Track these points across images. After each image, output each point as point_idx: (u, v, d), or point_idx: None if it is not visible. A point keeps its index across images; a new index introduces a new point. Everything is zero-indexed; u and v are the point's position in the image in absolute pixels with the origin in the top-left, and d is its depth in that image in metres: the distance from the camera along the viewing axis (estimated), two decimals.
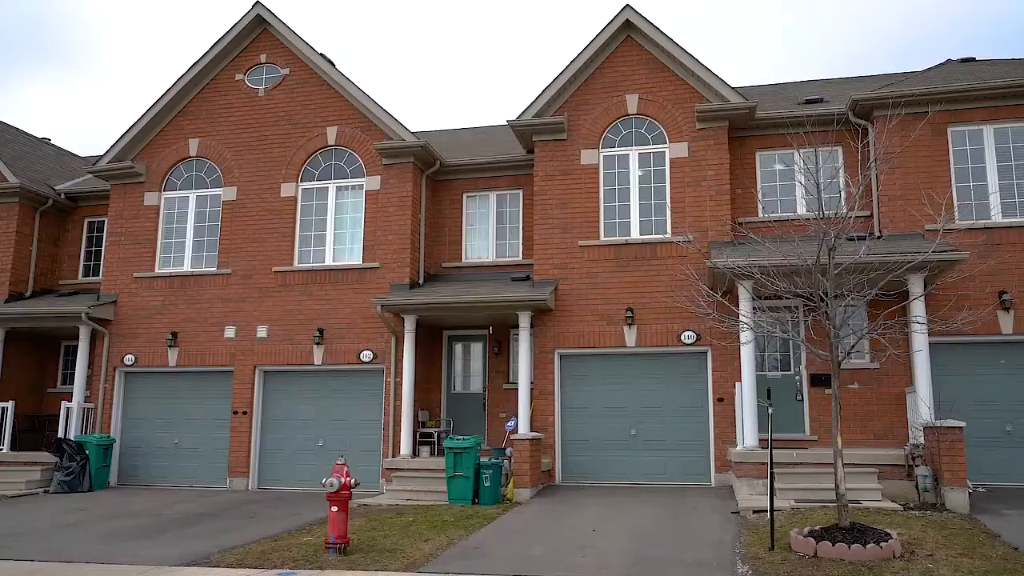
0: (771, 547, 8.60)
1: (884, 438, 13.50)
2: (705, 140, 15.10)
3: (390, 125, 16.50)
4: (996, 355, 13.71)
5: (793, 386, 14.38)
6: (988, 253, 13.31)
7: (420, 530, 10.41)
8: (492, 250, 17.05)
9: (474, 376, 16.87)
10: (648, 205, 15.30)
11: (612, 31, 15.68)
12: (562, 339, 15.10)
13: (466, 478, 12.89)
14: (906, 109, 13.16)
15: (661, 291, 14.47)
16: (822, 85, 18.44)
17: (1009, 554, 8.28)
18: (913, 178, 14.05)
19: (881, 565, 7.80)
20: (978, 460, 12.24)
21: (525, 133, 15.97)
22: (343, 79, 16.97)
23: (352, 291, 16.22)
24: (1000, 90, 14.10)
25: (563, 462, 14.84)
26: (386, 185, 16.50)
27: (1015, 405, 13.47)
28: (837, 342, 9.29)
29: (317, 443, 16.01)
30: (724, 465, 13.83)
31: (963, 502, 10.90)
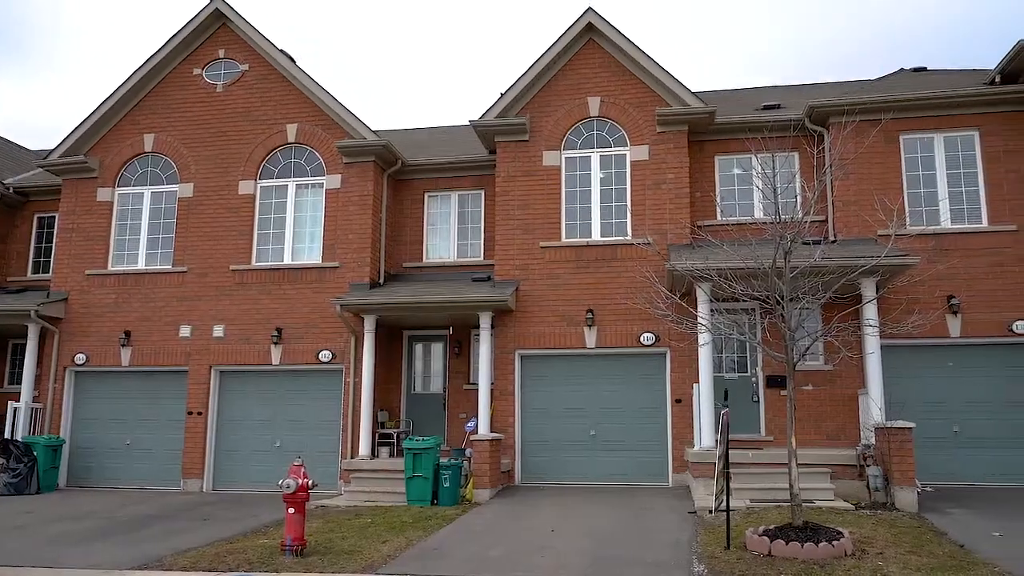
0: (727, 546, 8.71)
1: (837, 438, 13.77)
2: (665, 143, 15.25)
3: (351, 123, 16.36)
4: (944, 357, 14.08)
5: (750, 387, 14.59)
6: (937, 258, 13.66)
7: (378, 531, 10.34)
8: (453, 250, 17.01)
9: (434, 376, 16.81)
10: (609, 207, 15.40)
11: (575, 34, 15.76)
12: (523, 340, 15.13)
13: (425, 479, 12.83)
14: (860, 116, 13.45)
15: (621, 293, 14.57)
16: (780, 91, 18.76)
17: (955, 552, 8.51)
18: (867, 184, 14.37)
19: (833, 563, 7.95)
20: (927, 460, 12.53)
21: (487, 134, 15.96)
22: (304, 76, 16.78)
23: (311, 290, 16.05)
24: (949, 100, 14.49)
25: (523, 463, 14.86)
26: (347, 184, 16.36)
27: (962, 406, 13.85)
28: (792, 344, 9.46)
29: (274, 444, 15.80)
30: (682, 465, 13.97)
31: (912, 501, 11.17)
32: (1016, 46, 13.82)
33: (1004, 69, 14.34)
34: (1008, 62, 14.17)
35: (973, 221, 14.27)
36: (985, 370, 13.96)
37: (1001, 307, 13.85)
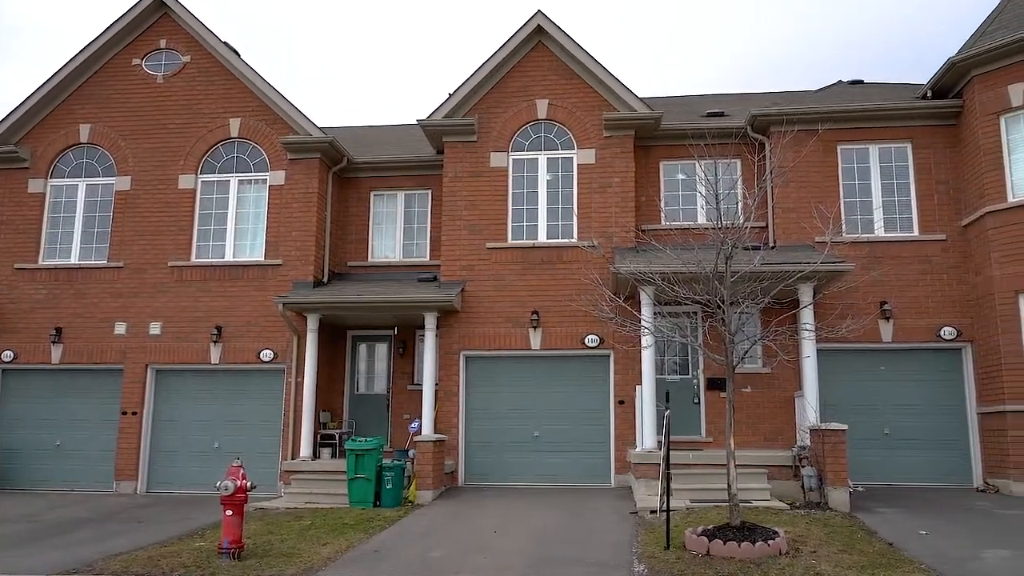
0: (666, 546, 8.84)
1: (774, 440, 14.11)
2: (612, 148, 15.42)
3: (296, 119, 16.12)
4: (877, 361, 14.55)
5: (691, 390, 14.84)
6: (871, 265, 14.10)
7: (319, 534, 10.20)
8: (399, 250, 16.89)
9: (378, 377, 16.67)
10: (556, 209, 15.50)
11: (524, 36, 15.82)
12: (468, 340, 15.11)
13: (367, 480, 12.72)
14: (800, 126, 13.82)
15: (566, 295, 14.67)
16: (724, 100, 19.12)
17: (884, 550, 8.79)
18: (805, 192, 14.76)
19: (768, 562, 8.14)
20: (859, 461, 12.92)
21: (435, 133, 15.91)
22: (248, 70, 16.47)
23: (253, 288, 15.76)
24: (884, 112, 14.99)
25: (467, 464, 14.85)
26: (291, 180, 16.11)
27: (893, 409, 14.33)
28: (732, 347, 9.65)
29: (212, 445, 15.46)
30: (624, 466, 14.14)
31: (844, 501, 11.51)
32: (946, 64, 14.36)
33: (935, 85, 14.90)
34: (939, 78, 14.72)
35: (905, 230, 14.78)
36: (915, 374, 14.47)
37: (930, 313, 14.38)
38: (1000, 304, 13.40)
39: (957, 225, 14.54)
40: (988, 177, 13.76)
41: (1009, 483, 12.95)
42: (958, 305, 14.35)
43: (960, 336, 14.26)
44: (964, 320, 14.27)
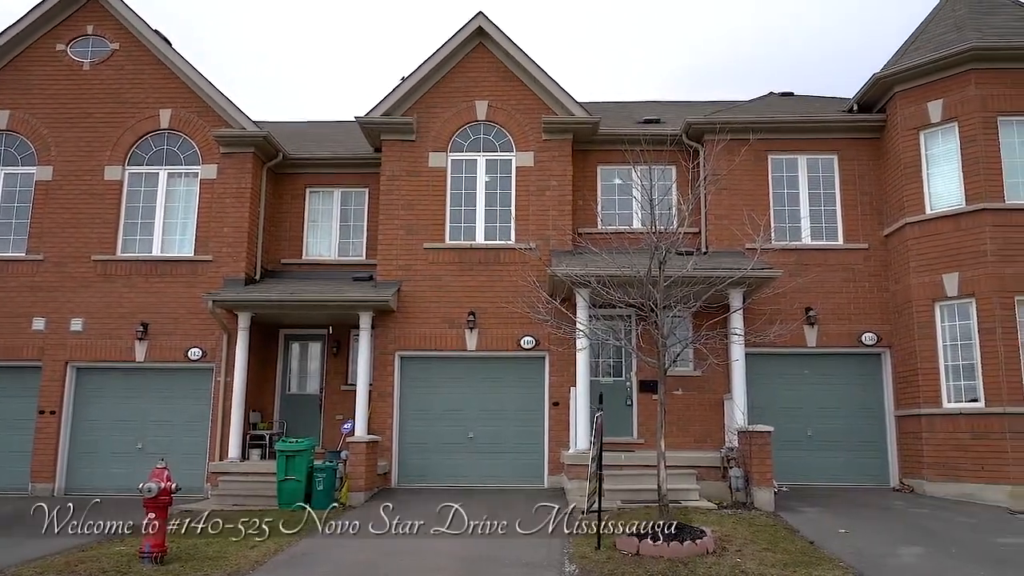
0: (597, 547, 8.94)
1: (704, 441, 14.42)
2: (550, 151, 15.53)
3: (230, 112, 15.75)
4: (802, 365, 15.02)
5: (624, 392, 15.05)
6: (798, 272, 14.53)
7: (246, 537, 9.96)
8: (335, 248, 16.67)
9: (311, 377, 16.41)
10: (494, 211, 15.53)
11: (465, 36, 15.80)
12: (404, 341, 15.01)
13: (298, 482, 12.51)
14: (732, 135, 14.16)
15: (503, 296, 14.70)
16: (661, 106, 19.46)
17: (806, 548, 9.09)
18: (737, 199, 15.13)
19: (696, 560, 8.32)
20: (784, 462, 13.30)
21: (373, 131, 15.76)
22: (180, 59, 16.02)
23: (182, 285, 15.33)
24: (812, 124, 15.50)
25: (400, 465, 14.74)
26: (223, 175, 15.72)
27: (816, 411, 14.81)
28: (664, 350, 9.83)
29: (136, 446, 14.97)
30: (557, 467, 14.24)
31: (769, 501, 11.85)
32: (871, 79, 14.93)
33: (861, 99, 15.47)
34: (864, 93, 15.29)
35: (830, 238, 15.30)
36: (837, 378, 14.99)
37: (852, 320, 14.91)
38: (917, 311, 13.98)
39: (879, 235, 15.12)
40: (908, 189, 14.34)
41: (923, 483, 13.53)
42: (878, 312, 14.92)
43: (880, 342, 14.83)
44: (884, 326, 14.85)
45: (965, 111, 13.75)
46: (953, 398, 13.45)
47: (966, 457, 12.97)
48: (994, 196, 13.36)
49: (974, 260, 13.36)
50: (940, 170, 14.13)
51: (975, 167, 13.55)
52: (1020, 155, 13.59)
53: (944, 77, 14.04)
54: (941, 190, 14.06)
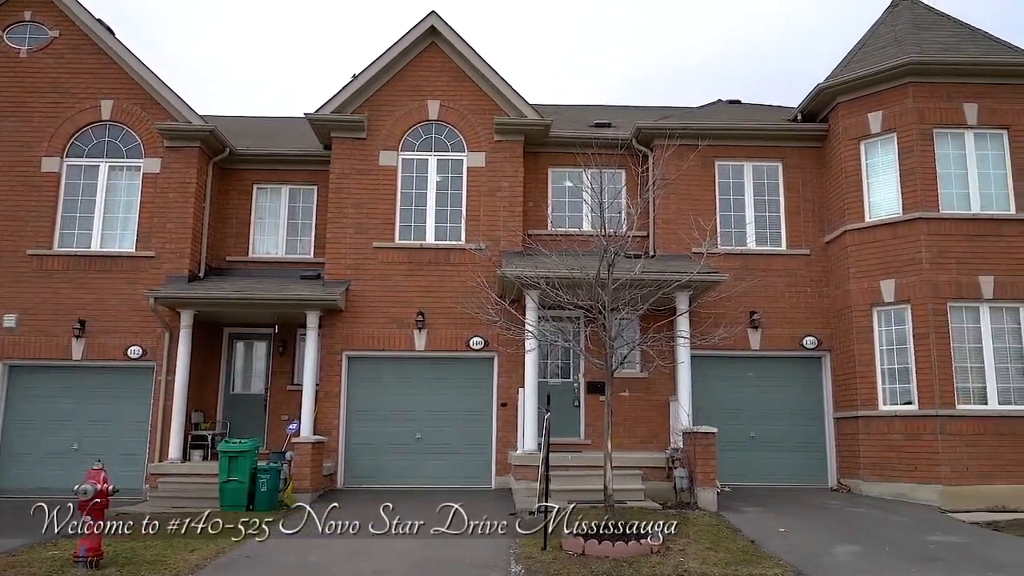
0: (544, 547, 8.99)
1: (650, 442, 14.59)
2: (502, 152, 15.55)
3: (175, 105, 15.39)
4: (746, 368, 15.32)
5: (572, 393, 15.15)
6: (743, 276, 14.80)
7: (186, 539, 9.72)
8: (282, 246, 16.42)
9: (256, 376, 16.14)
10: (444, 211, 15.48)
11: (417, 35, 15.72)
12: (352, 340, 14.87)
13: (241, 483, 12.29)
14: (681, 141, 14.37)
15: (453, 297, 14.66)
16: (612, 111, 19.64)
17: (747, 547, 9.28)
18: (685, 204, 15.36)
19: (640, 560, 8.43)
20: (727, 462, 13.53)
21: (323, 128, 15.58)
22: (123, 50, 15.59)
23: (122, 281, 14.92)
24: (758, 132, 15.84)
25: (347, 466, 14.59)
26: (167, 169, 15.36)
27: (759, 413, 15.12)
28: (612, 352, 9.94)
29: (71, 446, 14.51)
30: (505, 468, 14.26)
31: (712, 501, 12.06)
32: (815, 90, 15.32)
33: (805, 109, 15.85)
34: (808, 103, 15.68)
35: (774, 244, 15.64)
36: (779, 380, 15.33)
37: (794, 324, 15.27)
38: (856, 316, 14.39)
39: (820, 241, 15.51)
40: (849, 197, 14.75)
41: (860, 483, 13.93)
42: (819, 316, 15.31)
43: (820, 345, 15.21)
44: (824, 330, 15.24)
45: (903, 123, 14.20)
46: (889, 401, 13.87)
47: (900, 458, 13.40)
48: (929, 206, 13.83)
49: (910, 267, 13.81)
50: (879, 179, 14.56)
51: (912, 177, 14.01)
52: (954, 167, 14.09)
53: (884, 89, 14.48)
54: (880, 199, 14.49)
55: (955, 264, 13.61)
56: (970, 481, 12.79)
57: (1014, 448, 12.98)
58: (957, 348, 13.41)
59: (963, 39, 15.00)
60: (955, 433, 13.01)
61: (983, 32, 15.23)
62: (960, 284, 13.54)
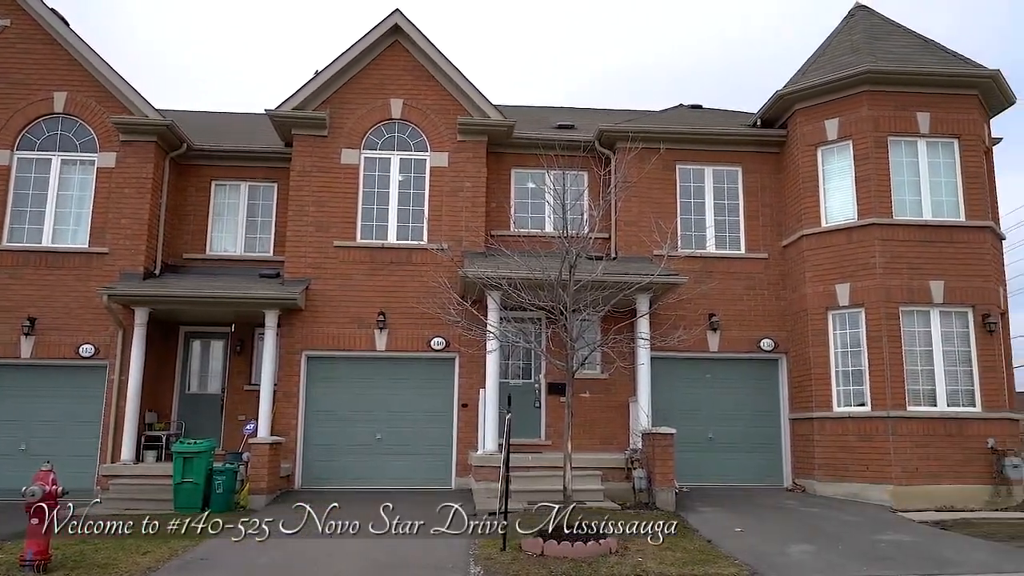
0: (503, 548, 8.99)
1: (610, 443, 14.68)
2: (465, 152, 15.52)
3: (131, 98, 15.07)
4: (704, 369, 15.50)
5: (533, 394, 15.18)
6: (702, 279, 14.99)
7: (138, 542, 9.53)
8: (241, 244, 16.17)
9: (213, 376, 15.87)
10: (407, 210, 15.39)
11: (381, 33, 15.62)
12: (311, 340, 14.71)
13: (196, 485, 12.09)
14: (643, 144, 14.48)
15: (414, 297, 14.57)
16: (575, 113, 19.76)
17: (704, 547, 9.39)
18: (646, 206, 15.50)
19: (599, 560, 8.48)
20: (685, 463, 13.66)
21: (284, 125, 15.39)
22: (77, 41, 15.22)
23: (74, 278, 14.57)
24: (718, 137, 16.03)
25: (305, 467, 14.43)
26: (122, 163, 15.03)
27: (717, 414, 15.31)
28: (573, 353, 9.98)
29: (19, 447, 14.11)
30: (465, 469, 14.22)
31: (671, 501, 12.17)
32: (774, 96, 15.56)
33: (764, 115, 16.10)
34: (767, 109, 15.92)
35: (733, 247, 15.85)
36: (737, 382, 15.54)
37: (752, 326, 15.49)
38: (812, 319, 14.65)
39: (778, 245, 15.76)
40: (806, 202, 15.01)
41: (814, 483, 14.18)
42: (776, 319, 15.55)
43: (777, 348, 15.46)
44: (781, 333, 15.49)
45: (859, 130, 14.51)
46: (843, 402, 14.15)
47: (853, 458, 13.68)
48: (883, 212, 14.14)
49: (864, 272, 14.11)
50: (835, 185, 14.85)
51: (866, 184, 14.31)
52: (907, 174, 14.43)
53: (840, 97, 14.77)
54: (836, 204, 14.78)
55: (907, 269, 13.94)
56: (919, 481, 13.11)
57: (961, 449, 13.33)
58: (908, 351, 13.73)
59: (916, 50, 15.38)
60: (906, 434, 13.32)
61: (936, 43, 15.62)
62: (912, 289, 13.87)
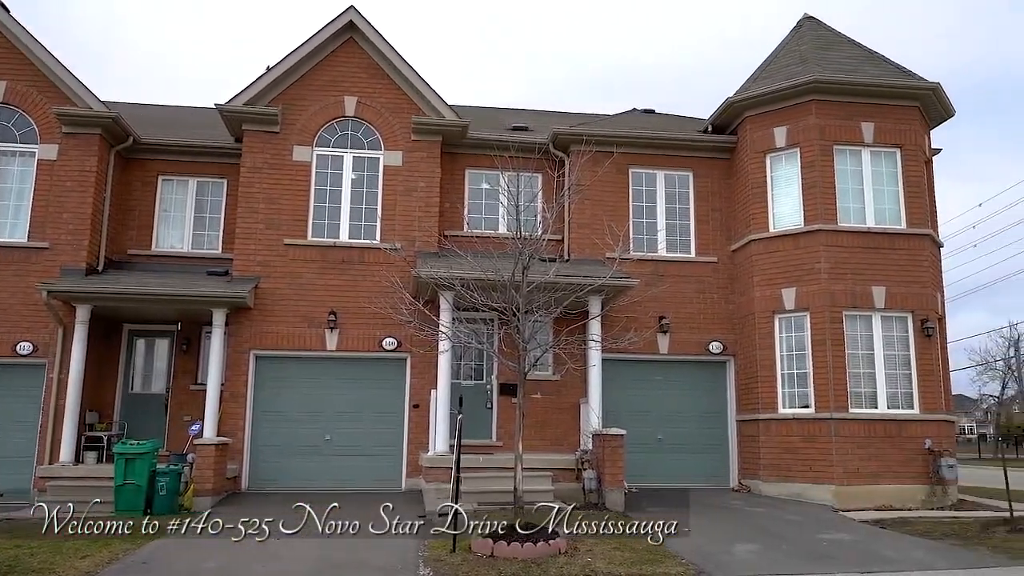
0: (453, 549, 8.97)
1: (560, 444, 14.74)
2: (419, 152, 15.44)
3: (75, 89, 14.65)
4: (654, 371, 15.68)
5: (484, 395, 15.18)
6: (653, 282, 15.15)
7: (77, 545, 9.28)
8: (188, 240, 15.83)
9: (157, 375, 15.51)
10: (359, 209, 15.25)
11: (335, 29, 15.45)
12: (260, 339, 14.47)
13: (138, 486, 11.78)
14: (597, 147, 14.60)
15: (366, 296, 14.45)
16: (530, 115, 19.81)
17: (652, 547, 9.47)
18: (599, 209, 15.62)
19: (548, 561, 8.51)
20: (635, 464, 13.78)
21: (235, 120, 15.12)
22: (19, 29, 14.74)
23: (12, 273, 14.10)
24: (670, 142, 16.22)
25: (252, 468, 14.19)
26: (64, 156, 14.60)
27: (666, 415, 15.50)
28: (525, 354, 10.01)
29: None
30: (416, 470, 14.15)
31: (620, 501, 12.29)
32: (724, 103, 15.83)
33: (715, 121, 16.37)
34: (718, 115, 16.19)
35: (684, 251, 16.08)
36: (686, 384, 15.77)
37: (701, 329, 15.73)
38: (759, 323, 14.94)
39: (727, 249, 16.03)
40: (754, 208, 15.31)
41: (759, 483, 14.46)
42: (725, 322, 15.82)
43: (725, 350, 15.72)
44: (729, 336, 15.75)
45: (806, 138, 14.84)
46: (788, 404, 14.46)
47: (797, 459, 13.98)
48: (828, 218, 14.49)
49: (809, 276, 14.44)
50: (783, 191, 15.17)
51: (813, 191, 14.64)
52: (852, 182, 14.81)
53: (789, 105, 15.09)
54: (783, 210, 15.09)
55: (851, 275, 14.31)
56: (861, 481, 13.47)
57: (900, 450, 13.74)
58: (851, 354, 14.10)
59: (862, 61, 15.80)
60: (848, 435, 13.67)
61: (880, 55, 16.07)
62: (855, 294, 14.24)
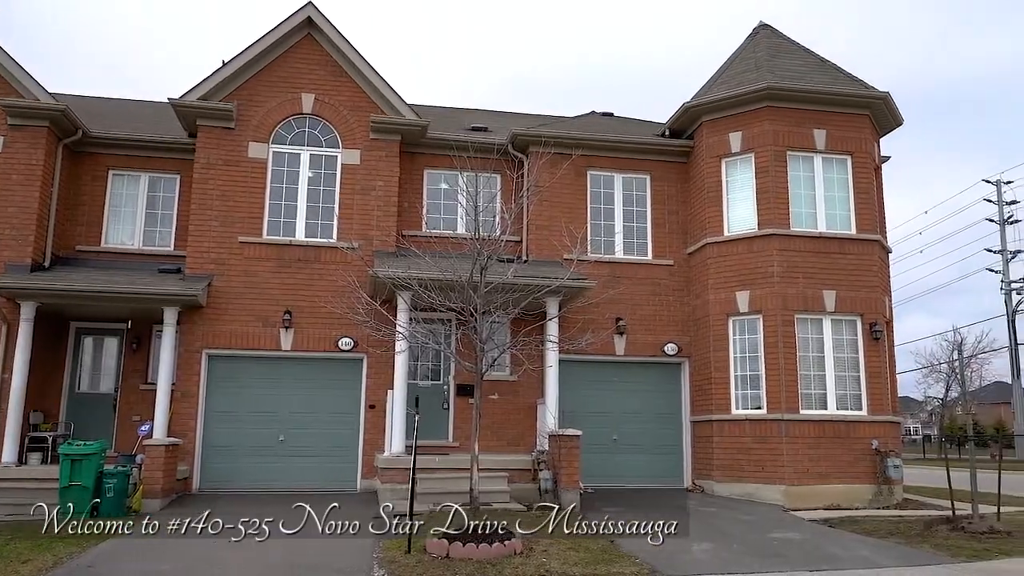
0: (408, 551, 8.92)
1: (517, 445, 14.79)
2: (378, 151, 15.34)
3: (21, 80, 14.25)
4: (611, 373, 15.80)
5: (441, 395, 15.13)
6: (610, 284, 15.27)
7: (18, 549, 9.02)
8: (139, 237, 15.50)
9: (106, 375, 15.16)
10: (316, 208, 15.09)
11: (293, 25, 15.27)
12: (213, 338, 14.23)
13: (84, 488, 11.47)
14: (555, 149, 14.68)
15: (322, 296, 14.30)
16: (489, 115, 19.82)
17: (607, 547, 9.56)
18: (558, 211, 15.70)
19: (504, 561, 8.52)
20: (591, 464, 13.89)
21: (189, 115, 14.85)
22: None
23: None
24: (628, 145, 16.39)
25: (204, 469, 13.94)
26: (10, 149, 14.19)
27: (622, 416, 15.63)
28: (482, 355, 10.00)
29: None
30: (371, 471, 14.04)
31: (575, 501, 12.34)
32: (682, 107, 16.03)
33: (673, 125, 16.56)
34: (676, 120, 16.39)
35: (641, 253, 16.24)
36: (642, 385, 15.93)
37: (657, 331, 15.90)
38: (714, 325, 15.15)
39: (683, 252, 16.24)
40: (710, 212, 15.53)
41: (712, 484, 14.67)
42: (680, 324, 16.01)
43: (680, 352, 15.91)
44: (684, 338, 15.95)
45: (760, 144, 15.11)
46: (741, 405, 14.69)
47: (749, 459, 14.22)
48: (781, 223, 14.77)
49: (763, 280, 14.69)
50: (738, 196, 15.41)
51: (767, 195, 14.91)
52: (804, 188, 15.11)
53: (744, 111, 15.35)
54: (738, 214, 15.33)
55: (803, 278, 14.59)
56: (810, 481, 13.74)
57: (848, 451, 14.05)
58: (802, 357, 14.38)
59: (814, 69, 16.13)
60: (798, 436, 13.94)
61: (832, 63, 16.43)
62: (807, 297, 14.53)
